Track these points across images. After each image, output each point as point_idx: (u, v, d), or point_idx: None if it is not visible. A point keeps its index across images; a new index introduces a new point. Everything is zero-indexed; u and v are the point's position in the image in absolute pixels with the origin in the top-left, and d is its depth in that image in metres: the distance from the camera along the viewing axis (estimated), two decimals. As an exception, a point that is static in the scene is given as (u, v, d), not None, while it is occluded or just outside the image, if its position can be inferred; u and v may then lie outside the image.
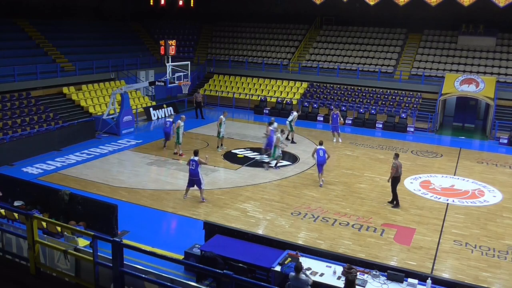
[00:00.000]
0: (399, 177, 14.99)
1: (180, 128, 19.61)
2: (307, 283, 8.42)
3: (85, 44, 30.61)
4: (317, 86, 31.06)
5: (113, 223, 12.35)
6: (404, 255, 11.94)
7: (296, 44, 34.38)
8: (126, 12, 36.93)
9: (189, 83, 24.18)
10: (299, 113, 24.15)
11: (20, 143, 19.35)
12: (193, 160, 14.75)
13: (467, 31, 30.12)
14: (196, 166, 14.66)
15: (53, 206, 13.03)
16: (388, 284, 8.92)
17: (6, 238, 7.29)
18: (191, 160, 14.81)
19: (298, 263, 8.61)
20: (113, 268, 5.81)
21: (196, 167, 14.66)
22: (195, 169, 14.67)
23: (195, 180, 14.76)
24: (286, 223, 13.55)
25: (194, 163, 14.69)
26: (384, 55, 31.50)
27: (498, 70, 28.24)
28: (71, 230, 10.57)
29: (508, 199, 16.16)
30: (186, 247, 11.05)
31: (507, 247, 12.51)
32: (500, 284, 10.79)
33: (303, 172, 18.28)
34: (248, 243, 10.66)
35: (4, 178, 14.61)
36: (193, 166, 14.69)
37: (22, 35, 27.96)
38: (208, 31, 38.35)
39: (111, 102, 23.45)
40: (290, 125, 22.35)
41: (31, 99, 23.51)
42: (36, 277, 6.44)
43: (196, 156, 14.85)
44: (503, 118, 25.72)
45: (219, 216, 13.83)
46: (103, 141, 21.87)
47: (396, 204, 14.97)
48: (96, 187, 15.92)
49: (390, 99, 28.89)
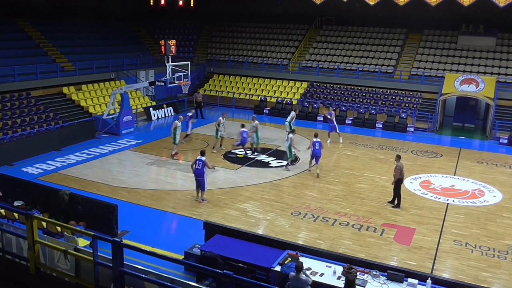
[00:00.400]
0: (402, 179, 14.99)
1: (177, 128, 19.61)
2: (307, 283, 8.42)
3: (85, 44, 30.62)
4: (317, 86, 31.06)
5: (113, 223, 12.35)
6: (404, 255, 11.94)
7: (296, 44, 34.39)
8: (126, 12, 36.94)
9: (189, 83, 24.18)
10: (297, 112, 24.11)
11: (20, 143, 19.35)
12: (200, 160, 14.52)
13: (467, 31, 30.12)
14: (202, 166, 14.46)
15: (53, 206, 13.03)
16: (388, 284, 8.92)
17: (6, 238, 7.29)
18: (198, 160, 14.57)
19: (298, 263, 8.61)
20: (113, 268, 5.81)
21: (202, 167, 14.47)
22: (201, 169, 14.44)
23: (200, 181, 14.61)
24: (286, 223, 13.55)
25: (201, 163, 14.48)
26: (384, 55, 31.50)
27: (498, 70, 28.24)
28: (71, 230, 10.58)
29: (508, 199, 16.16)
30: (186, 247, 11.05)
31: (507, 247, 12.51)
32: (500, 284, 10.80)
33: (303, 172, 18.28)
34: (248, 243, 10.66)
35: (4, 178, 14.62)
36: (199, 166, 14.46)
37: (22, 35, 27.97)
38: (208, 31, 38.35)
39: (111, 102, 23.45)
40: (289, 126, 22.36)
41: (31, 99, 23.52)
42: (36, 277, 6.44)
43: (203, 156, 14.65)
44: (503, 118, 25.72)
45: (219, 216, 13.83)
46: (103, 141, 21.86)
47: (397, 205, 14.97)
48: (96, 187, 15.92)
49: (390, 99, 28.89)
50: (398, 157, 15.03)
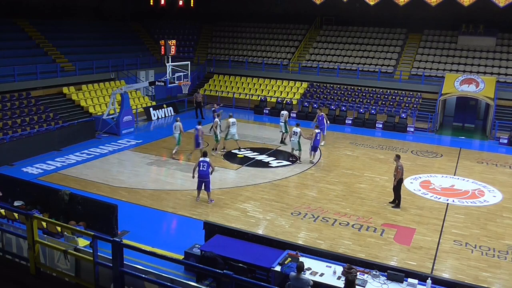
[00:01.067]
0: (403, 179, 14.99)
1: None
2: (308, 283, 8.42)
3: (85, 44, 30.61)
4: (317, 86, 31.06)
5: (113, 223, 12.35)
6: (404, 255, 11.94)
7: (296, 44, 34.38)
8: (126, 12, 36.93)
9: (189, 83, 24.18)
10: (291, 108, 23.74)
11: (20, 143, 19.34)
12: (204, 161, 14.48)
13: (467, 31, 30.11)
14: (207, 167, 14.41)
15: (53, 206, 13.03)
16: (388, 284, 8.92)
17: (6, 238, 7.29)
18: (202, 161, 14.51)
19: (300, 263, 8.63)
20: (113, 268, 5.81)
21: (207, 168, 14.41)
22: (206, 170, 14.39)
23: (206, 182, 14.52)
24: (286, 223, 13.55)
25: (206, 164, 14.42)
26: (384, 55, 31.50)
27: (498, 70, 28.24)
28: (71, 230, 10.58)
29: (508, 199, 16.16)
30: (186, 247, 11.05)
31: (507, 247, 12.51)
32: (500, 284, 10.79)
33: (303, 172, 18.28)
34: (248, 243, 10.66)
35: (4, 178, 14.62)
36: (204, 167, 14.40)
37: (22, 35, 27.97)
38: (208, 31, 38.35)
39: (111, 102, 23.45)
40: (285, 126, 22.21)
41: (31, 99, 23.52)
42: (36, 277, 6.44)
43: (206, 157, 14.64)
44: (503, 118, 25.72)
45: (219, 216, 13.83)
46: (103, 141, 21.86)
47: (397, 205, 14.96)
48: (96, 187, 15.92)
49: (390, 99, 28.89)
50: (397, 156, 15.00)
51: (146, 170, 18.12)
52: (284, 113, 22.50)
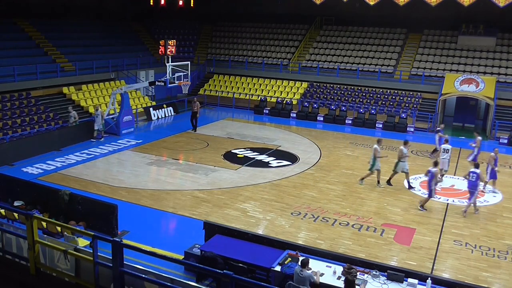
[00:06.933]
0: None
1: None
2: (310, 278, 8.47)
3: (85, 44, 30.61)
4: (317, 86, 31.06)
5: (113, 223, 12.34)
6: (404, 255, 11.94)
7: (296, 44, 34.38)
8: (126, 12, 36.91)
9: (189, 83, 24.18)
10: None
11: (20, 143, 19.34)
12: (474, 172, 14.48)
13: (467, 31, 30.11)
14: (476, 178, 14.41)
15: (53, 206, 13.02)
16: (388, 284, 8.92)
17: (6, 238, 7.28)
18: (471, 172, 14.54)
19: (305, 259, 8.84)
20: (113, 268, 5.80)
21: (476, 179, 14.41)
22: (475, 181, 14.42)
23: (472, 193, 14.51)
24: (286, 223, 13.54)
25: (475, 175, 14.42)
26: (384, 55, 31.50)
27: (498, 70, 28.24)
28: (71, 230, 10.58)
29: (508, 199, 16.17)
30: (186, 247, 11.04)
31: (507, 247, 12.51)
32: (500, 284, 10.79)
33: (303, 172, 18.28)
34: (248, 243, 10.66)
35: (4, 178, 14.61)
36: (473, 178, 14.44)
37: (22, 35, 27.95)
38: (208, 31, 38.35)
39: (111, 102, 23.45)
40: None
41: (31, 99, 23.51)
42: (36, 277, 6.44)
43: (477, 168, 14.61)
44: (503, 118, 25.72)
45: (219, 216, 13.83)
46: (103, 141, 21.85)
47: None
48: (96, 187, 15.92)
49: (390, 99, 28.89)
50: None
51: (146, 170, 18.11)
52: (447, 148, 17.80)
